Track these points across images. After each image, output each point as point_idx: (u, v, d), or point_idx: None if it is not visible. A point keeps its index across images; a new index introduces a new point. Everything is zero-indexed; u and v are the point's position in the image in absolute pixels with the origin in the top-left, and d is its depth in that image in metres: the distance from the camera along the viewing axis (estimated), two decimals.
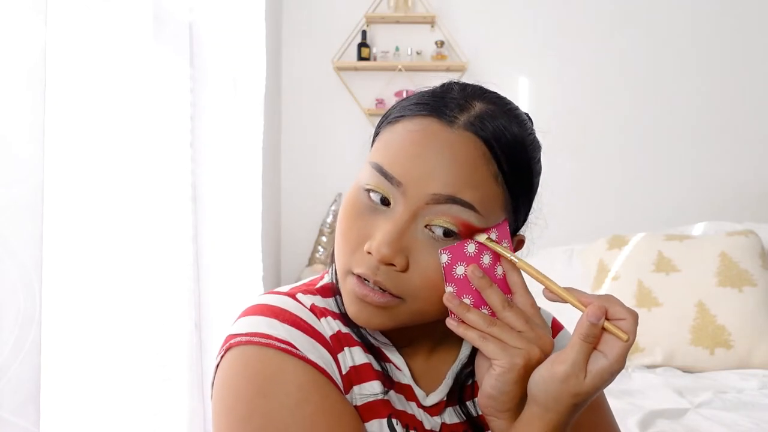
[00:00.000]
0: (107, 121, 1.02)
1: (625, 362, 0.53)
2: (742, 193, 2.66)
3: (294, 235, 2.79)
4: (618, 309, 0.53)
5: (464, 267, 0.56)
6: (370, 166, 0.58)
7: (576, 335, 0.52)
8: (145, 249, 1.13)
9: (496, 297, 0.56)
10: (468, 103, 0.58)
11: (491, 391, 0.55)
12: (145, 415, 1.11)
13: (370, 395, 0.61)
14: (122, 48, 1.06)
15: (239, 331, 0.60)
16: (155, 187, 1.17)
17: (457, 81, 0.64)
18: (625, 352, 0.52)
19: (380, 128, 0.63)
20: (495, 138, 0.57)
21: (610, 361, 0.52)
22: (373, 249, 0.55)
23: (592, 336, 0.52)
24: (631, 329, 0.52)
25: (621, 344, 0.52)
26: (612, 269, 2.05)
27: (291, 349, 0.58)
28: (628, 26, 2.72)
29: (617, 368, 0.52)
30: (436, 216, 0.55)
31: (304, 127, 2.81)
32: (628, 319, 0.52)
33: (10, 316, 0.68)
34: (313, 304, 0.64)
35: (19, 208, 0.69)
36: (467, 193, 0.55)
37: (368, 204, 0.58)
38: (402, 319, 0.58)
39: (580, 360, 0.52)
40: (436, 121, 0.57)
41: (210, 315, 1.46)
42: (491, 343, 0.54)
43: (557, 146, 3.12)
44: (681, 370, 1.83)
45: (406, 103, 0.61)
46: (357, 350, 0.63)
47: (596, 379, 0.52)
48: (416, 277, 0.56)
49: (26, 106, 0.71)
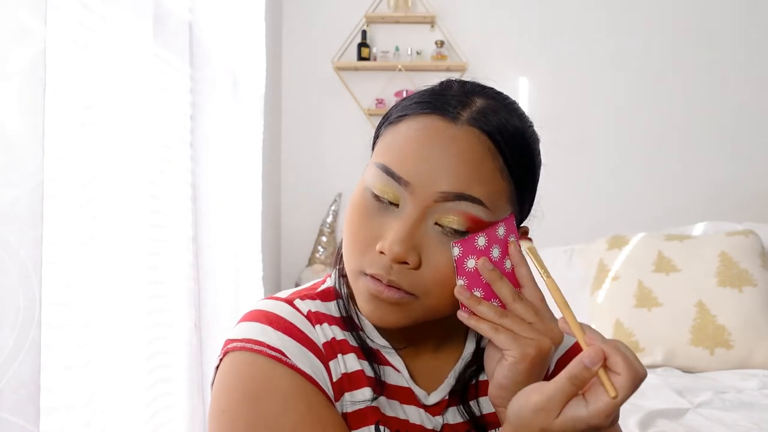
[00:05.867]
0: (107, 121, 1.02)
1: (607, 420, 0.47)
2: (742, 193, 2.66)
3: (294, 235, 2.79)
4: (618, 360, 0.48)
5: (475, 260, 0.57)
6: (375, 167, 0.58)
7: (564, 371, 0.49)
8: (145, 249, 1.13)
9: (506, 289, 0.57)
10: (469, 99, 0.59)
11: (503, 381, 0.55)
12: (145, 415, 1.11)
13: (360, 402, 0.62)
14: (122, 48, 1.06)
15: (236, 336, 0.61)
16: (155, 187, 1.17)
17: (455, 79, 0.64)
18: (609, 410, 0.47)
19: (381, 129, 0.63)
20: (499, 132, 0.57)
21: (589, 413, 0.47)
22: (385, 248, 0.55)
23: (579, 378, 0.48)
24: (624, 386, 0.47)
25: (606, 400, 0.47)
26: (612, 269, 2.05)
27: (280, 356, 0.58)
28: (629, 26, 2.72)
29: (595, 423, 0.47)
30: (446, 213, 0.56)
31: (304, 127, 2.81)
32: (624, 375, 0.47)
33: (10, 316, 0.68)
34: (309, 310, 0.64)
35: (19, 208, 0.69)
36: (475, 189, 0.55)
37: (376, 204, 0.58)
38: (416, 316, 0.59)
39: (557, 398, 0.49)
40: (439, 119, 0.57)
41: (210, 315, 1.46)
42: (503, 334, 0.55)
43: (557, 146, 3.13)
44: (681, 370, 1.83)
45: (407, 102, 0.61)
46: (351, 357, 0.63)
47: (567, 425, 0.48)
48: (429, 273, 0.56)
49: (26, 106, 0.71)
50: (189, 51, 1.35)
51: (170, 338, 1.23)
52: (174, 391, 1.24)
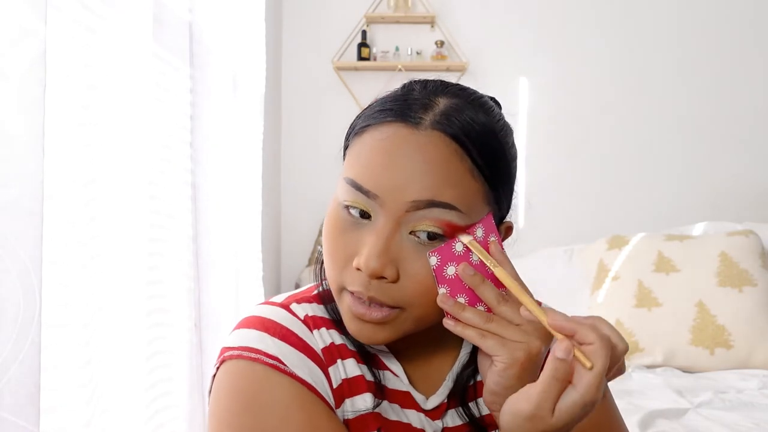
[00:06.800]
0: (107, 121, 1.01)
1: (598, 393, 0.47)
2: (742, 193, 2.66)
3: (294, 235, 2.79)
4: (586, 332, 0.48)
5: (455, 266, 0.55)
6: (344, 182, 0.57)
7: (544, 372, 0.48)
8: (145, 249, 1.13)
9: (490, 293, 0.55)
10: (431, 101, 0.57)
11: (495, 387, 0.54)
12: (145, 415, 1.11)
13: (361, 409, 0.61)
14: (122, 48, 1.06)
15: (232, 344, 0.60)
16: (155, 187, 1.17)
17: (417, 80, 0.63)
18: (595, 380, 0.47)
19: (349, 140, 0.62)
20: (464, 132, 0.55)
21: (580, 392, 0.47)
22: (361, 264, 0.54)
23: (561, 372, 0.48)
24: (599, 354, 0.47)
25: (588, 373, 0.47)
26: (612, 269, 2.05)
27: (279, 365, 0.57)
28: (629, 26, 2.72)
29: (590, 399, 0.47)
30: (419, 221, 0.54)
31: (304, 127, 2.81)
32: (596, 343, 0.47)
33: (9, 316, 0.68)
34: (306, 314, 0.63)
35: (19, 208, 0.69)
36: (446, 194, 0.54)
37: (349, 219, 0.57)
38: (405, 329, 0.58)
39: (545, 399, 0.48)
40: (402, 126, 0.56)
41: (210, 315, 1.46)
42: (490, 340, 0.53)
43: (557, 146, 3.12)
44: (681, 370, 1.83)
45: (370, 111, 0.60)
46: (350, 362, 0.62)
47: (565, 416, 0.48)
48: (409, 285, 0.55)
49: (26, 106, 0.71)
50: (189, 51, 1.34)
51: (170, 338, 1.23)
52: (174, 391, 1.24)
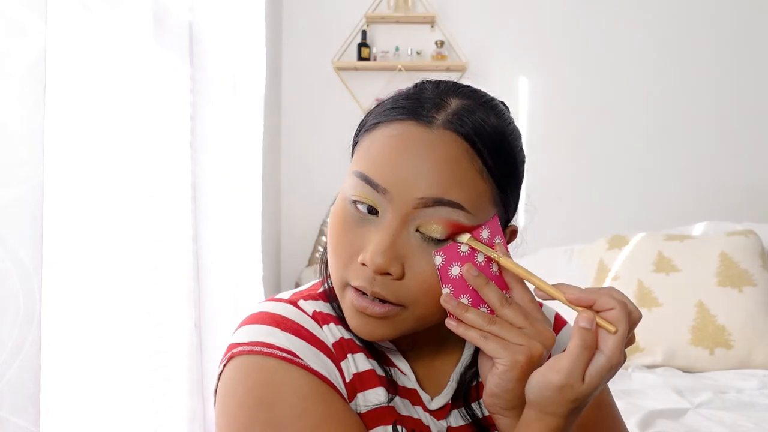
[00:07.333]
0: (107, 121, 1.01)
1: (623, 355, 0.50)
2: (742, 193, 2.66)
3: (294, 235, 2.79)
4: (605, 300, 0.51)
5: (459, 267, 0.55)
6: (353, 176, 0.58)
7: (573, 342, 0.50)
8: (145, 249, 1.13)
9: (493, 295, 0.55)
10: (443, 101, 0.58)
11: (495, 389, 0.54)
12: (145, 415, 1.11)
13: (375, 404, 0.60)
14: (122, 48, 1.06)
15: (241, 340, 0.59)
16: (155, 187, 1.17)
17: (429, 80, 0.63)
18: (619, 344, 0.50)
19: (358, 137, 0.62)
20: (475, 133, 0.56)
21: (608, 356, 0.50)
22: (367, 260, 0.54)
23: (590, 340, 0.50)
24: (619, 318, 0.50)
25: (613, 337, 0.50)
26: (612, 269, 2.05)
27: (293, 358, 0.57)
28: (629, 25, 2.72)
29: (616, 362, 0.50)
30: (426, 219, 0.54)
31: (304, 127, 2.81)
32: (616, 309, 0.50)
33: (9, 317, 0.68)
34: (315, 310, 0.63)
35: (19, 208, 0.69)
36: (454, 193, 0.54)
37: (356, 215, 0.57)
38: (405, 327, 0.58)
39: (577, 368, 0.50)
40: (414, 124, 0.56)
41: (210, 315, 1.46)
42: (492, 342, 0.53)
43: (557, 146, 3.12)
44: (681, 370, 1.83)
45: (381, 109, 0.61)
46: (360, 356, 0.62)
47: (595, 379, 0.50)
48: (413, 283, 0.55)
49: (26, 106, 0.71)
50: (189, 51, 1.34)
51: (170, 338, 1.23)
52: (174, 391, 1.24)
